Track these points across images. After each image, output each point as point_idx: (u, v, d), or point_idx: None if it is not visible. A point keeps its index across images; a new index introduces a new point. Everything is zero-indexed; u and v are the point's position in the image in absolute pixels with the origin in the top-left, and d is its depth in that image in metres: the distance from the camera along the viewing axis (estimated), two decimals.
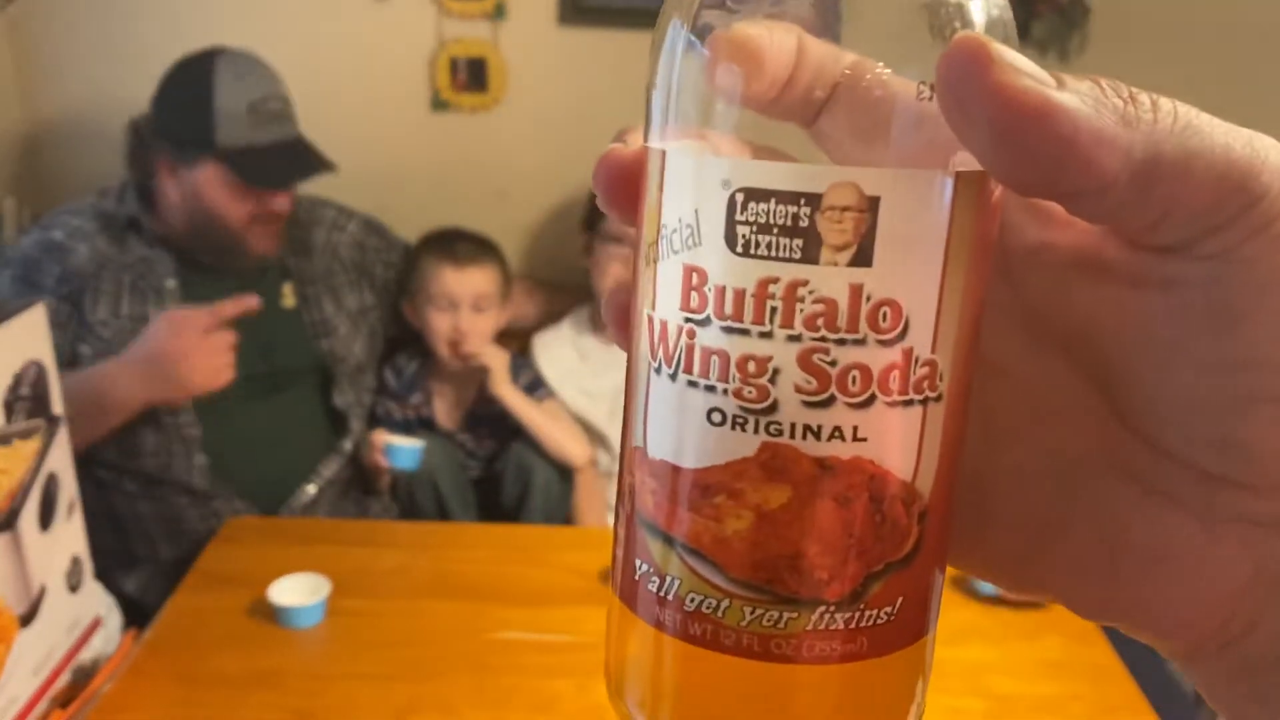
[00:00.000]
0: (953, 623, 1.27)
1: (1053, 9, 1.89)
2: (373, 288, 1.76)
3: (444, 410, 1.79)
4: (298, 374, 1.67)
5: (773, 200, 0.21)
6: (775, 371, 0.22)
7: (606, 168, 0.25)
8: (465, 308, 1.68)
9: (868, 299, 0.21)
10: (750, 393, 0.22)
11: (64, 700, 1.05)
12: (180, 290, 1.55)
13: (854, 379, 0.21)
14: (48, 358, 1.00)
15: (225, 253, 1.57)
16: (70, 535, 1.07)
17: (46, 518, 1.01)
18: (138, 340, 1.43)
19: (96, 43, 1.90)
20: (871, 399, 0.22)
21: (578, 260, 1.84)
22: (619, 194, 0.25)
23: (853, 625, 0.23)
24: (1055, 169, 0.20)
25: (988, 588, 1.27)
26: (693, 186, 0.22)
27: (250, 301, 1.45)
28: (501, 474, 1.72)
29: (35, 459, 0.99)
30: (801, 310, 0.21)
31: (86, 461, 1.38)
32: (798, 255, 0.21)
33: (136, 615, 1.29)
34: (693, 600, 0.23)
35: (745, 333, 0.22)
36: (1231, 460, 0.23)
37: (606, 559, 1.27)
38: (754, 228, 0.21)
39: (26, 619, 0.98)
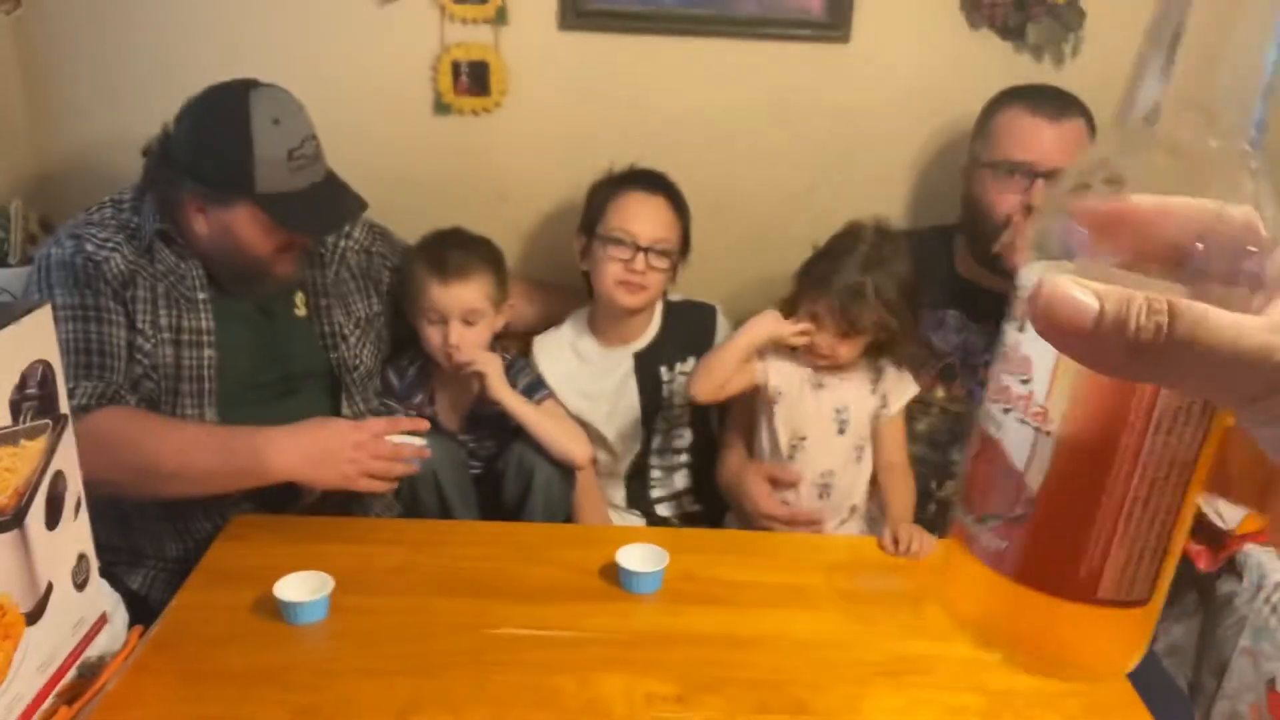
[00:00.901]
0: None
1: (1048, 12, 1.89)
2: (379, 293, 1.77)
3: (445, 410, 1.80)
4: (309, 379, 1.68)
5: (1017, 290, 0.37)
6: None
7: (1089, 213, 0.34)
8: (455, 321, 1.68)
9: (1018, 351, 0.36)
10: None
11: (70, 696, 1.06)
12: (211, 304, 1.56)
13: (1004, 392, 0.37)
14: (54, 358, 1.01)
15: (248, 279, 1.58)
16: (77, 533, 1.08)
17: (53, 516, 1.02)
18: (310, 425, 1.48)
19: (100, 44, 1.90)
20: (1009, 409, 0.37)
21: (577, 263, 1.84)
22: (1103, 235, 0.34)
23: (981, 539, 0.38)
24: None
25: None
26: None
27: (421, 423, 1.55)
28: (503, 472, 1.72)
29: (42, 458, 1.00)
30: (1003, 345, 0.37)
31: None
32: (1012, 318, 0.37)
33: (142, 612, 1.29)
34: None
35: None
36: None
37: (607, 556, 1.29)
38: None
39: (33, 616, 0.99)
